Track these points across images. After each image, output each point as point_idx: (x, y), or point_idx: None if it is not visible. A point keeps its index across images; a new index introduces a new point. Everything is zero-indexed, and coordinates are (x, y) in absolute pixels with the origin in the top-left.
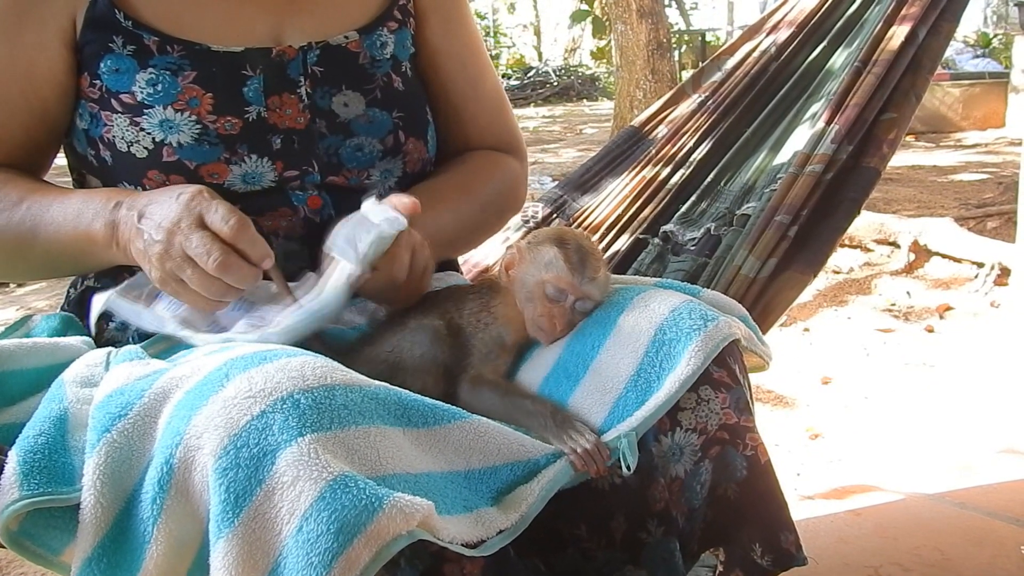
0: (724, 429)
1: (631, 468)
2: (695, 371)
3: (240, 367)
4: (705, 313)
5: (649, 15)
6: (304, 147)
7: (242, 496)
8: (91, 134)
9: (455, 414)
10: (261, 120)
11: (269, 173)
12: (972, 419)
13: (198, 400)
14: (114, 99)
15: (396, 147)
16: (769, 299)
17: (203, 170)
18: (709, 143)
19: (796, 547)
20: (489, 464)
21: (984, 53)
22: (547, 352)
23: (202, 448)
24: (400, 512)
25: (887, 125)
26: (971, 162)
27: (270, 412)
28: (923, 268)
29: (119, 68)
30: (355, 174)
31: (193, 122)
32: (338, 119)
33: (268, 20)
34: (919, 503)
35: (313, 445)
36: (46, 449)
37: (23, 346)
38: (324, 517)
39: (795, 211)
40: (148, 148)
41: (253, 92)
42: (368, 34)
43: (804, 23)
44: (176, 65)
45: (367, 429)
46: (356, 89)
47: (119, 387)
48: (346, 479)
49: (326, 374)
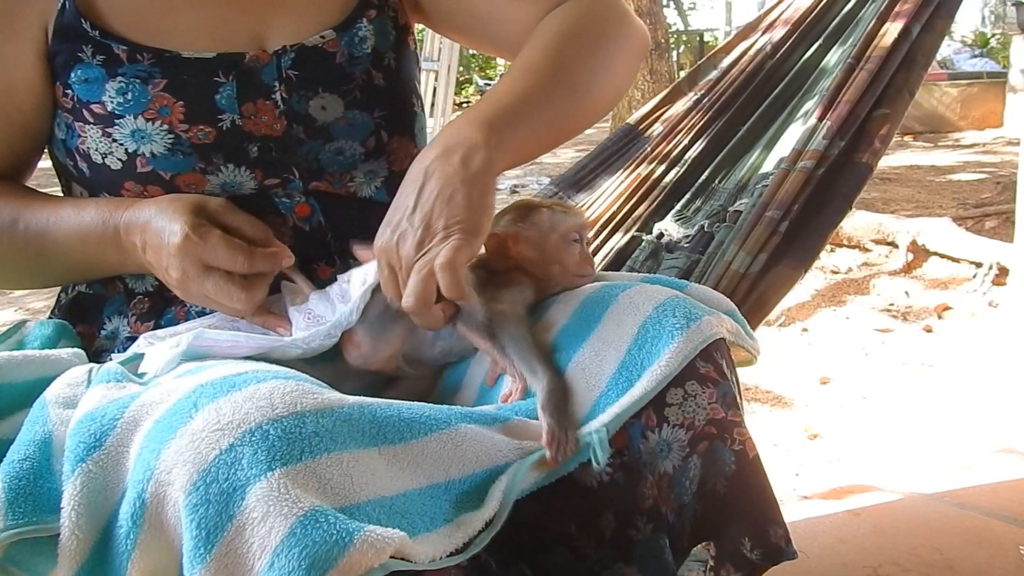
0: (712, 424)
1: (600, 463)
2: (671, 371)
3: (209, 396)
4: (689, 311)
5: (647, 15)
6: (282, 154)
7: (213, 532)
8: (68, 144)
9: (431, 426)
10: (236, 128)
11: (248, 182)
12: (971, 419)
13: (167, 432)
14: (85, 109)
15: (379, 148)
16: (760, 294)
17: (179, 180)
18: (704, 141)
19: (785, 541)
20: (468, 472)
21: (982, 53)
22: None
23: (172, 483)
24: (371, 546)
25: (880, 121)
26: (969, 162)
27: (239, 445)
28: (921, 268)
29: (88, 78)
30: (337, 178)
31: (165, 131)
32: (316, 123)
33: (244, 23)
34: (918, 503)
35: (283, 480)
36: (31, 475)
37: (13, 359)
38: (295, 553)
39: (786, 207)
40: (122, 159)
41: (226, 99)
42: (345, 31)
43: (799, 21)
44: (146, 73)
45: (339, 455)
46: (334, 91)
47: (91, 411)
48: (316, 514)
49: (296, 400)
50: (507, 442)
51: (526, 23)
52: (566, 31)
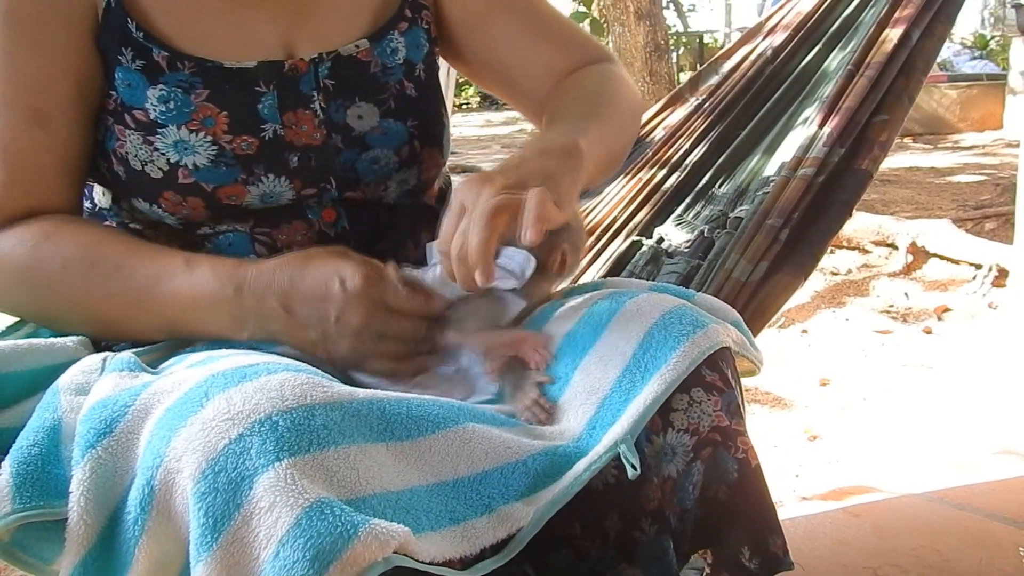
0: (716, 431)
1: (637, 468)
2: (680, 374)
3: (220, 386)
4: (696, 319)
5: (647, 17)
6: (321, 164)
7: (220, 520)
8: (105, 146)
9: (439, 423)
10: (278, 138)
11: (287, 192)
12: (970, 420)
13: (177, 420)
14: (127, 114)
15: (412, 157)
16: (760, 302)
17: (220, 192)
18: (705, 146)
19: (783, 551)
20: (478, 470)
21: (981, 55)
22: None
23: (182, 471)
24: (375, 539)
25: (879, 127)
26: (969, 164)
27: (248, 435)
28: (921, 270)
29: (130, 83)
30: (372, 188)
31: (209, 143)
32: (353, 132)
33: (277, 30)
34: (917, 504)
35: (290, 470)
36: (39, 460)
37: (19, 348)
38: (300, 544)
39: (786, 214)
40: (163, 169)
41: (268, 109)
42: (378, 41)
43: (800, 26)
44: (188, 83)
45: (347, 449)
46: (369, 100)
47: (102, 399)
48: (322, 505)
49: (306, 392)
50: (517, 440)
51: (549, 76)
52: (594, 87)
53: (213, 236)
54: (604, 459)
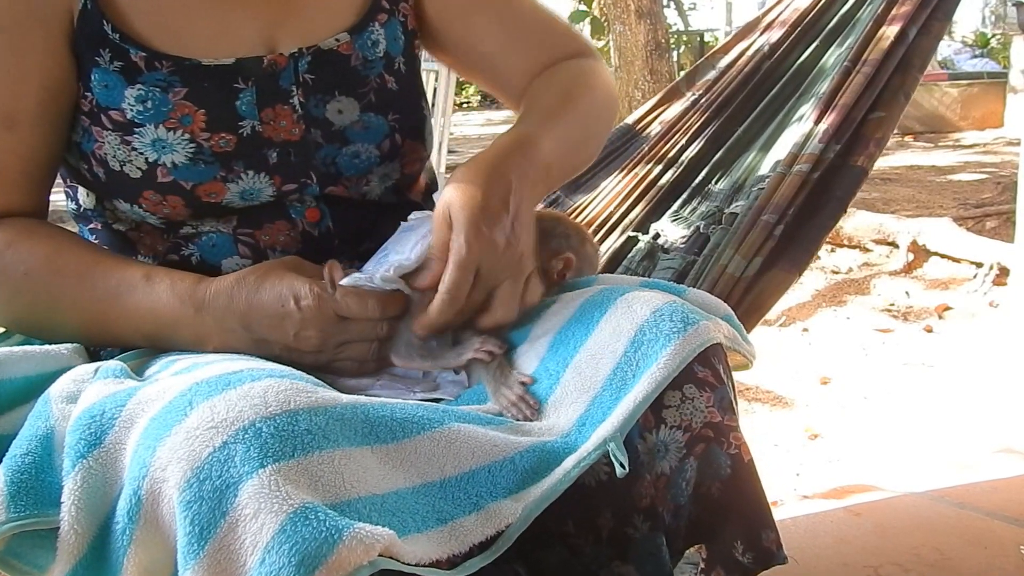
0: (708, 427)
1: (625, 466)
2: (670, 372)
3: (204, 394)
4: (687, 316)
5: (647, 15)
6: (301, 159)
7: (206, 528)
8: (83, 148)
9: (424, 425)
10: (256, 134)
11: (267, 188)
12: (971, 419)
13: (162, 430)
14: (104, 115)
15: (393, 151)
16: (755, 297)
17: (200, 190)
18: (701, 142)
19: (777, 545)
20: (465, 469)
21: (982, 53)
22: (531, 352)
23: (167, 480)
24: (360, 543)
25: (875, 124)
26: (969, 162)
27: (232, 443)
28: (922, 268)
29: (108, 84)
30: (354, 182)
31: (187, 141)
32: (333, 127)
33: (257, 27)
34: (918, 503)
35: (274, 476)
36: (33, 469)
37: (13, 355)
38: (286, 549)
39: (781, 210)
40: (142, 169)
41: (246, 105)
42: (359, 33)
43: (797, 22)
44: (166, 82)
45: (331, 453)
46: (350, 94)
47: (88, 407)
48: (307, 510)
49: (289, 398)
50: (504, 438)
51: (529, 69)
52: (567, 81)
53: (196, 237)
54: (593, 456)
